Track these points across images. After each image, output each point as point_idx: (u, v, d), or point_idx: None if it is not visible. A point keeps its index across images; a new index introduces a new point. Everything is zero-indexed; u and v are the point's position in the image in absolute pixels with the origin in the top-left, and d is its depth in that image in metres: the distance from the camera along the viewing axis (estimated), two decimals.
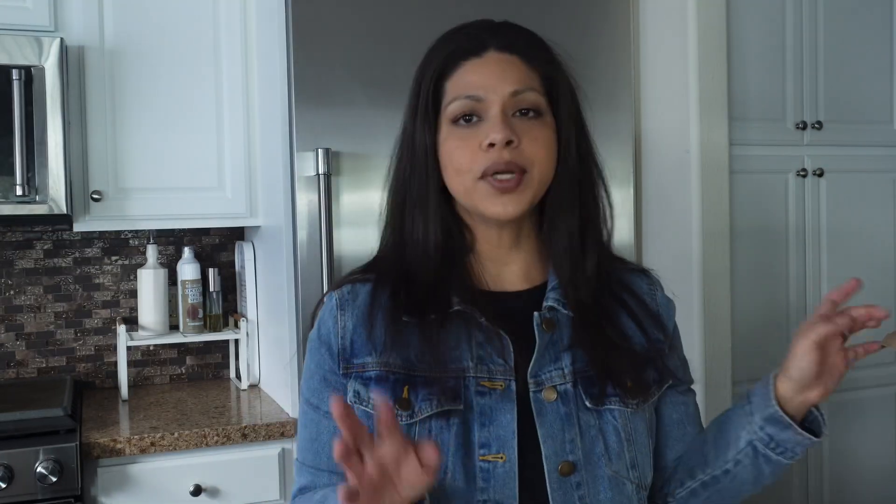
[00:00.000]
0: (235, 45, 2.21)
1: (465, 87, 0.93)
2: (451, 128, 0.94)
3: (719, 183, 2.25)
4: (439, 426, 0.92)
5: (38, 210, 1.98)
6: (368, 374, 0.95)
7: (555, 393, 0.94)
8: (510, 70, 0.93)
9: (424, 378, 0.93)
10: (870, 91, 2.49)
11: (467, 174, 0.92)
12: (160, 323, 2.30)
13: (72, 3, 2.09)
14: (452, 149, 0.93)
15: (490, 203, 0.92)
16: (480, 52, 0.94)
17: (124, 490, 1.87)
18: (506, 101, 0.92)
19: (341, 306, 0.99)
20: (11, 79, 1.93)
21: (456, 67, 0.94)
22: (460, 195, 0.95)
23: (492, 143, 0.90)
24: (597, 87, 2.10)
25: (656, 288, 1.08)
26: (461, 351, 0.94)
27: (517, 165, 0.91)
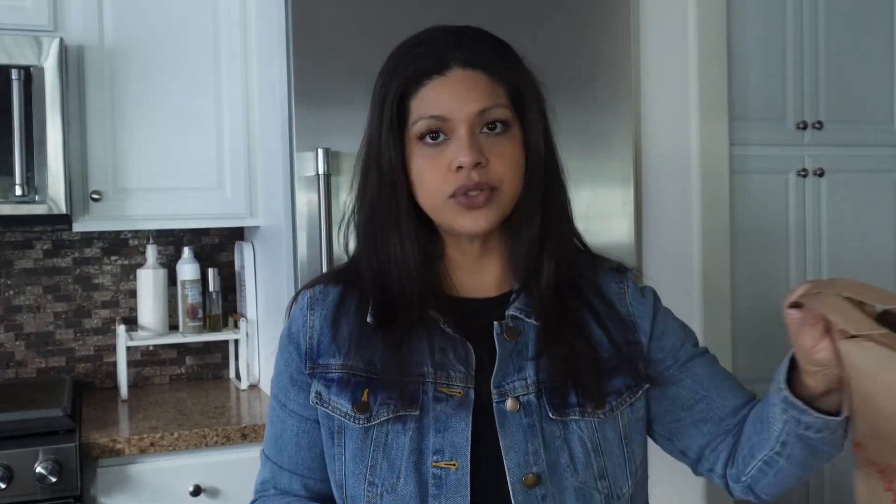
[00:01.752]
0: (235, 45, 2.21)
1: (429, 106, 0.92)
2: (418, 145, 0.93)
3: (719, 183, 2.25)
4: (395, 430, 0.93)
5: (37, 210, 1.98)
6: (331, 375, 0.97)
7: (517, 404, 0.93)
8: (475, 88, 0.92)
9: (384, 382, 0.93)
10: (870, 91, 2.49)
11: (437, 193, 0.92)
12: (160, 323, 2.30)
13: (71, 3, 2.09)
14: (421, 168, 0.93)
15: (461, 219, 0.92)
16: (444, 70, 0.92)
17: (124, 490, 1.87)
18: (472, 119, 0.91)
19: (311, 305, 1.00)
20: (11, 79, 1.93)
21: (419, 86, 0.93)
22: (430, 212, 0.95)
23: (460, 165, 0.89)
24: (597, 87, 2.10)
25: (626, 286, 1.05)
26: (423, 356, 0.94)
27: (486, 184, 0.90)
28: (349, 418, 0.95)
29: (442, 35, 0.96)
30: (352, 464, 0.95)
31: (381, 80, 0.97)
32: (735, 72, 2.28)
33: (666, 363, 1.02)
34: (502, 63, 0.95)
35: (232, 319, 2.46)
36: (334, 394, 0.96)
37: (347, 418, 0.95)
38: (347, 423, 0.95)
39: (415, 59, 0.94)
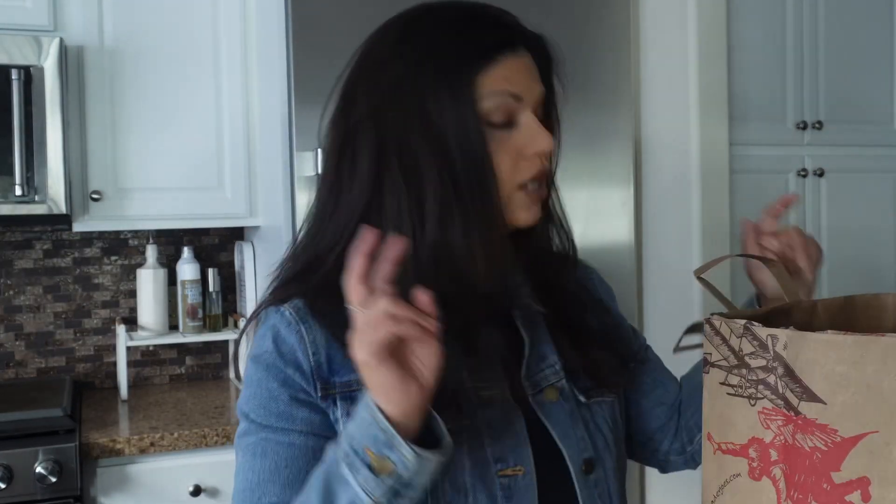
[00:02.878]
0: (235, 44, 2.21)
1: (506, 83, 0.83)
2: (488, 129, 0.83)
3: (719, 183, 2.25)
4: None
5: (37, 210, 1.98)
6: (357, 393, 0.81)
7: (555, 391, 0.90)
8: (535, 72, 0.87)
9: None
10: (870, 91, 2.49)
11: (506, 183, 0.83)
12: (160, 323, 2.30)
13: (71, 3, 2.09)
14: (492, 150, 0.83)
15: (523, 212, 0.86)
16: (516, 46, 0.85)
17: (124, 490, 1.87)
18: (536, 104, 0.86)
19: (302, 319, 0.84)
20: (10, 79, 1.93)
21: (490, 61, 0.83)
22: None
23: (537, 152, 0.84)
24: (597, 87, 2.10)
25: (589, 274, 1.05)
26: (455, 358, 0.82)
27: (550, 175, 0.88)
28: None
29: (495, 9, 0.87)
30: None
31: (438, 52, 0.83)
32: (735, 72, 2.28)
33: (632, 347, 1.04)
34: (545, 54, 0.91)
35: (232, 319, 2.46)
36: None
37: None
38: None
39: (484, 28, 0.84)
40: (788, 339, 0.57)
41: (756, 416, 0.59)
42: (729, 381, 0.61)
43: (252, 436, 0.85)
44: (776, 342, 0.58)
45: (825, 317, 0.74)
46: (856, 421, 0.53)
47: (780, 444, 0.57)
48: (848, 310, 0.75)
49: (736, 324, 0.61)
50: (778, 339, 0.57)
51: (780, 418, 0.57)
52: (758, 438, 0.59)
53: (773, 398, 0.58)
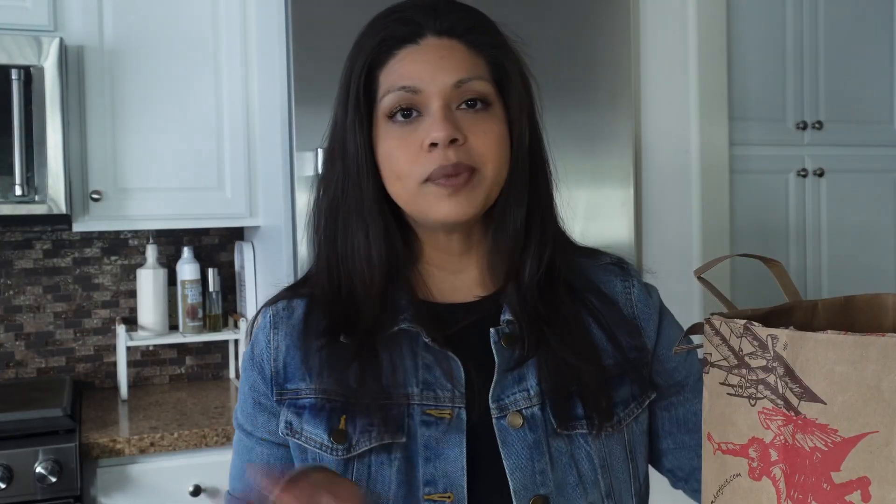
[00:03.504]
0: (235, 45, 2.21)
1: (399, 77, 0.81)
2: (388, 125, 0.82)
3: (719, 183, 2.25)
4: (379, 461, 0.82)
5: (37, 210, 1.98)
6: (302, 401, 0.85)
7: (521, 418, 0.83)
8: (451, 57, 0.81)
9: (364, 407, 0.82)
10: (870, 91, 2.49)
11: (409, 178, 0.80)
12: (160, 323, 2.30)
13: (71, 3, 2.09)
14: (390, 150, 0.81)
15: (438, 206, 0.80)
16: (416, 38, 0.82)
17: (124, 490, 1.87)
18: (448, 92, 0.80)
19: (275, 324, 0.89)
20: (11, 78, 1.93)
21: (389, 56, 0.82)
22: (403, 201, 0.83)
23: (433, 142, 0.78)
24: (597, 87, 2.10)
25: (632, 284, 0.93)
26: (406, 375, 0.83)
27: (465, 166, 0.79)
28: (326, 449, 0.83)
29: (417, 4, 0.84)
30: None
31: (349, 56, 0.86)
32: (735, 72, 2.28)
33: (675, 376, 0.92)
34: (482, 31, 0.84)
35: (232, 319, 2.46)
36: (307, 422, 0.84)
37: (324, 449, 0.83)
38: (324, 454, 0.83)
39: (384, 27, 0.84)
40: (788, 339, 0.57)
41: (756, 416, 0.59)
42: (729, 381, 0.61)
43: (235, 434, 0.93)
44: (776, 342, 0.57)
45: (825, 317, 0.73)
46: (855, 421, 0.53)
47: (780, 444, 0.57)
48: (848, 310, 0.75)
49: (736, 324, 0.61)
50: (778, 339, 0.57)
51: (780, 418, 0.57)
52: (758, 438, 0.59)
53: (773, 398, 0.58)
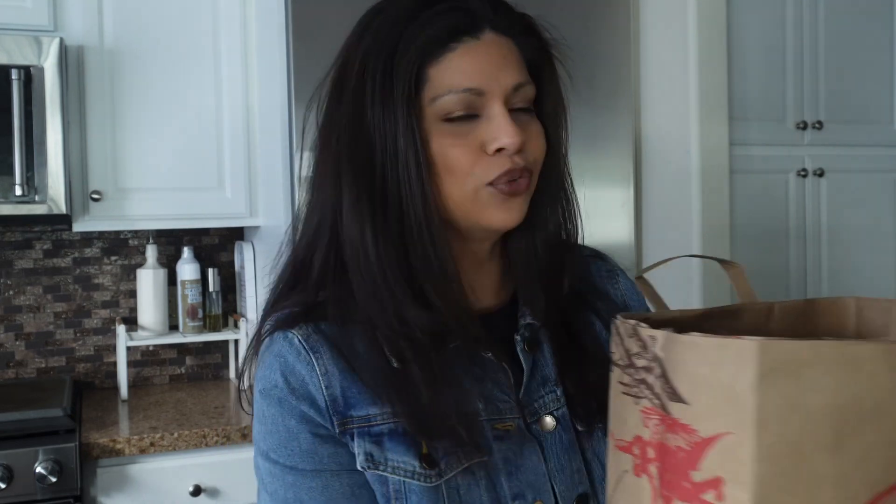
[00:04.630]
0: (235, 45, 2.21)
1: (461, 76, 0.74)
2: (439, 123, 0.75)
3: (719, 183, 2.25)
4: (467, 483, 0.77)
5: (37, 210, 1.98)
6: (377, 428, 0.76)
7: (553, 420, 0.82)
8: (510, 57, 0.77)
9: (445, 428, 0.76)
10: (870, 91, 2.49)
11: (468, 179, 0.75)
12: (160, 323, 2.30)
13: (71, 3, 2.09)
14: (445, 147, 0.75)
15: (496, 211, 0.76)
16: (476, 31, 0.75)
17: (124, 490, 1.87)
18: (509, 95, 0.76)
19: (312, 348, 0.78)
20: (11, 79, 1.93)
21: (445, 50, 0.74)
22: (457, 205, 0.77)
23: (501, 147, 0.74)
24: (597, 87, 2.10)
25: (616, 273, 0.94)
26: (467, 391, 0.79)
27: (527, 170, 0.77)
28: (417, 476, 0.76)
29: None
30: None
31: (381, 43, 0.76)
32: (735, 72, 2.28)
33: None
34: (531, 35, 0.81)
35: (232, 319, 2.46)
36: (390, 450, 0.76)
37: (415, 477, 0.76)
38: (411, 482, 0.76)
39: (438, 14, 0.75)
40: (665, 340, 0.57)
41: (639, 414, 0.60)
42: (623, 379, 0.62)
43: (278, 481, 0.79)
44: (655, 343, 0.58)
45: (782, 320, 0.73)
46: (713, 422, 0.54)
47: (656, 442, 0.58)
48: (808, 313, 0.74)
49: (627, 324, 0.61)
50: (657, 340, 0.58)
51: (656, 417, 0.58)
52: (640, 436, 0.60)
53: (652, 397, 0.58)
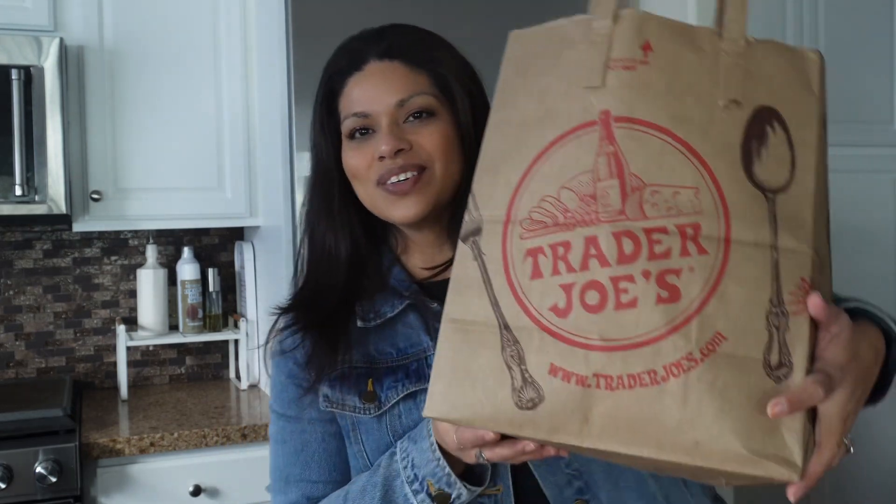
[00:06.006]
0: (235, 45, 2.21)
1: (351, 104, 0.94)
2: (349, 142, 0.95)
3: None
4: (408, 408, 0.92)
5: (37, 210, 1.98)
6: (334, 374, 0.96)
7: None
8: (393, 79, 0.93)
9: (386, 368, 0.94)
10: (870, 91, 2.49)
11: (365, 182, 0.93)
12: (160, 323, 2.30)
13: (71, 3, 2.09)
14: (348, 159, 0.94)
15: (392, 208, 0.92)
16: (360, 65, 0.94)
17: (124, 490, 1.87)
18: (392, 111, 0.91)
19: (297, 321, 1.00)
20: (11, 79, 1.93)
21: (342, 85, 0.95)
22: (365, 202, 0.96)
23: (381, 155, 0.90)
24: None
25: None
26: (419, 336, 0.94)
27: (414, 165, 0.91)
28: (360, 411, 0.94)
29: (367, 33, 0.99)
30: (377, 457, 0.93)
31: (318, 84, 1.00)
32: None
33: None
34: (420, 49, 0.95)
35: (232, 319, 2.46)
36: (340, 391, 0.95)
37: (358, 411, 0.94)
38: (359, 416, 0.94)
39: (336, 59, 0.98)
40: None
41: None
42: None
43: (274, 425, 1.02)
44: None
45: None
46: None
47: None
48: None
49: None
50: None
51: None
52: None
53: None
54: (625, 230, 0.63)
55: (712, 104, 0.67)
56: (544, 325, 0.64)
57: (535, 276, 0.65)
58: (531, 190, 0.67)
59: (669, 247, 0.63)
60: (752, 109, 0.68)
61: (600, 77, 0.67)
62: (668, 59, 0.68)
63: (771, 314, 0.63)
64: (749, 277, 0.63)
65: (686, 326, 0.61)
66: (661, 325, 0.62)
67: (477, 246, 0.69)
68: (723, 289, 0.62)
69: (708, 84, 0.68)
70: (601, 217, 0.63)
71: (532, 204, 0.66)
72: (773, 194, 0.67)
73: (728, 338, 0.62)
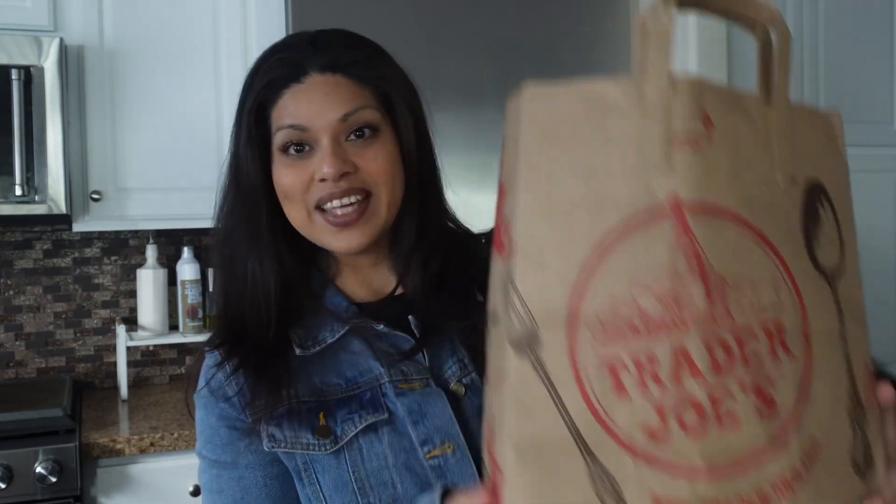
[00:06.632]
0: (235, 44, 2.21)
1: (288, 116, 0.85)
2: (282, 157, 0.86)
3: None
4: (368, 441, 0.85)
5: (37, 210, 1.98)
6: (279, 411, 0.86)
7: (462, 387, 0.88)
8: (336, 93, 0.85)
9: (337, 399, 0.86)
10: (870, 91, 2.49)
11: (301, 205, 0.85)
12: (160, 323, 2.30)
13: (71, 3, 2.09)
14: (282, 177, 0.86)
15: (332, 238, 0.86)
16: (301, 76, 0.86)
17: (124, 490, 1.87)
18: (335, 127, 0.84)
19: (227, 354, 0.90)
20: (11, 79, 1.93)
21: (278, 96, 0.86)
22: (298, 227, 0.88)
23: (323, 178, 0.83)
24: None
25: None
26: (368, 362, 0.88)
27: (358, 189, 0.84)
28: (314, 448, 0.85)
29: (298, 40, 0.90)
30: (336, 497, 0.85)
31: (242, 89, 0.91)
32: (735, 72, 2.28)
33: None
34: (364, 63, 0.89)
35: None
36: (288, 428, 0.86)
37: (312, 448, 0.86)
38: (313, 454, 0.86)
39: (270, 67, 0.88)
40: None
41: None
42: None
43: (206, 473, 0.92)
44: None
45: None
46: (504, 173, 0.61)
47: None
48: None
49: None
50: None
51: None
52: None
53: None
54: (715, 336, 0.56)
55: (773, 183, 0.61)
56: (638, 451, 0.56)
57: (619, 394, 0.56)
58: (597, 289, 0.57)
59: (759, 351, 0.57)
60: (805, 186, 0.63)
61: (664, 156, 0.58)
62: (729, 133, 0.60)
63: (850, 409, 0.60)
64: (830, 373, 0.59)
65: (785, 438, 0.57)
66: (764, 442, 0.56)
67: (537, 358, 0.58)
68: (812, 390, 0.58)
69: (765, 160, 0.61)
70: (687, 322, 0.56)
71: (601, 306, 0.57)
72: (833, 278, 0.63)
73: (822, 443, 0.58)
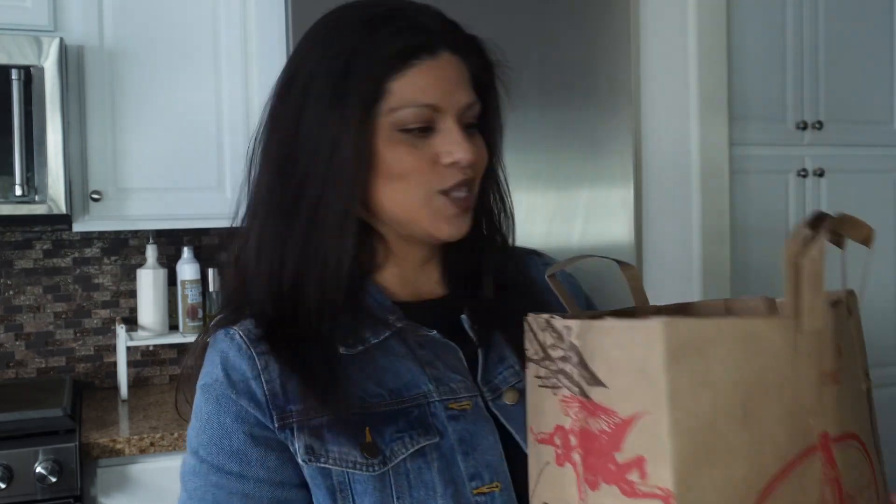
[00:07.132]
0: (235, 44, 2.21)
1: (420, 93, 0.78)
2: (395, 133, 0.78)
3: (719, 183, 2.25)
4: (417, 467, 0.77)
5: (37, 210, 1.98)
6: (317, 420, 0.76)
7: (515, 394, 0.83)
8: (462, 77, 0.81)
9: (383, 414, 0.77)
10: (870, 91, 2.49)
11: (420, 187, 0.79)
12: (160, 323, 2.30)
13: (71, 3, 2.09)
14: (400, 155, 0.78)
15: (443, 223, 0.80)
16: (434, 50, 0.79)
17: (124, 490, 1.87)
18: (461, 112, 0.80)
19: (254, 344, 0.79)
20: (11, 79, 1.93)
21: (404, 66, 0.78)
22: (403, 209, 0.80)
23: (455, 161, 0.79)
24: (597, 87, 2.10)
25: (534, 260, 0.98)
26: (415, 374, 0.80)
27: (474, 181, 0.82)
28: (359, 467, 0.76)
29: (423, 10, 0.81)
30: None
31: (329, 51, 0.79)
32: (735, 72, 2.28)
33: None
34: (479, 56, 0.85)
35: None
36: (332, 442, 0.76)
37: (357, 467, 0.76)
38: (355, 473, 0.76)
39: (398, 31, 0.78)
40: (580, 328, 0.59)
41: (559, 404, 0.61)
42: (539, 373, 0.63)
43: (201, 479, 0.79)
44: (570, 332, 0.59)
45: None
46: (631, 402, 0.56)
47: (578, 429, 0.59)
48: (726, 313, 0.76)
49: (541, 318, 0.63)
50: (572, 329, 0.59)
51: (576, 404, 0.59)
52: (560, 426, 0.61)
53: (570, 385, 0.60)
54: None
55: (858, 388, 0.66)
56: None
57: None
58: None
59: None
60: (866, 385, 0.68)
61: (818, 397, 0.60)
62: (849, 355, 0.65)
63: None
64: None
65: None
66: None
67: None
68: None
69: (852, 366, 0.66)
70: None
71: None
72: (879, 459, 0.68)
73: None
